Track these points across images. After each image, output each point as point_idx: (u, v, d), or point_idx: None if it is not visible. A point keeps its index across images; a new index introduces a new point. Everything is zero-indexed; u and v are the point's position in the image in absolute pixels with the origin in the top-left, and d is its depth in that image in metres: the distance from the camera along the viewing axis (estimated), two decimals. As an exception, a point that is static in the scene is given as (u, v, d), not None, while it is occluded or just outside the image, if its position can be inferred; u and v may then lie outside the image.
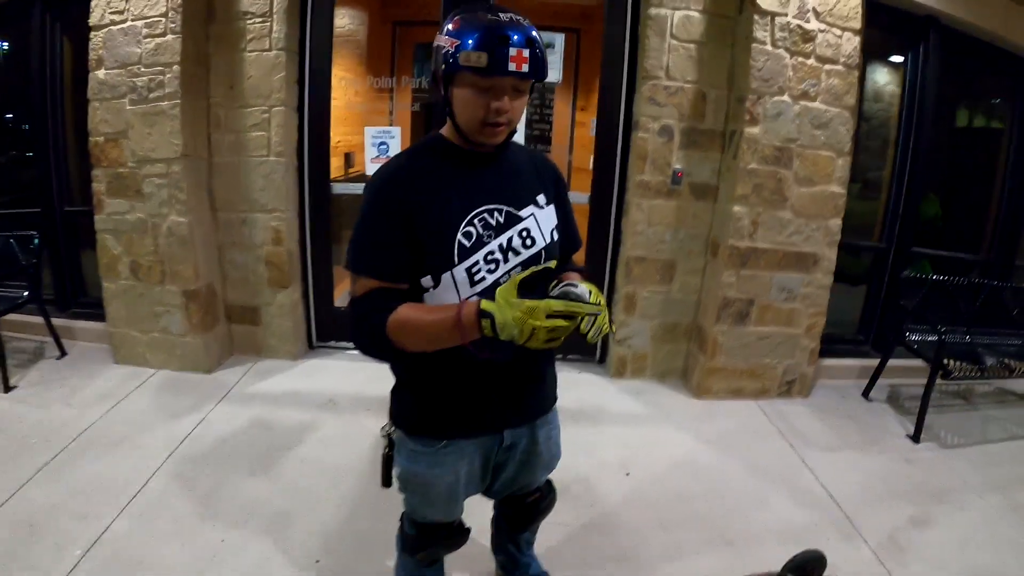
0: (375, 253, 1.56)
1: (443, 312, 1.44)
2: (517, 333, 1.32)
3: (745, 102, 4.11)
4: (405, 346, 1.50)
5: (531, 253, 1.67)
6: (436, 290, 1.58)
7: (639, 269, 4.63)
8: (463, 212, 1.57)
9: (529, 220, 1.68)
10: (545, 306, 1.31)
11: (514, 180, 1.70)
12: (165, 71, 4.12)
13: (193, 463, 3.40)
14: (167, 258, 4.43)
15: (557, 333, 1.33)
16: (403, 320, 1.48)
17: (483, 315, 1.36)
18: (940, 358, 4.18)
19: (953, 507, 3.41)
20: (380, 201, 1.55)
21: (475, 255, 1.57)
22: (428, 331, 1.47)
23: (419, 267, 1.56)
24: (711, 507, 3.29)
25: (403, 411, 1.83)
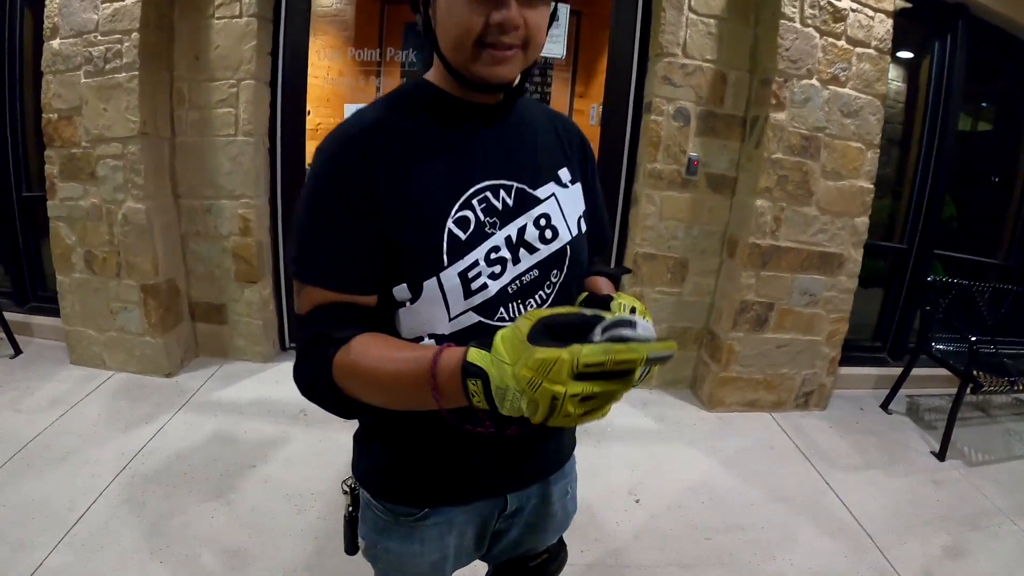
0: (325, 252, 1.08)
1: (411, 358, 0.96)
2: (526, 405, 0.80)
3: (771, 84, 3.81)
4: (359, 399, 1.04)
5: (552, 250, 1.20)
6: (415, 305, 1.12)
7: (648, 268, 4.32)
8: (456, 190, 1.12)
9: (549, 203, 1.22)
10: (572, 357, 0.74)
11: (529, 146, 1.24)
12: (123, 39, 3.77)
13: (144, 483, 3.11)
14: (123, 249, 4.08)
15: (597, 403, 0.79)
16: (354, 363, 1.01)
17: (469, 371, 0.85)
18: (971, 370, 3.98)
19: (986, 534, 3.24)
20: (334, 176, 1.08)
21: (473, 252, 1.11)
22: (387, 385, 0.99)
23: (391, 272, 1.11)
24: (734, 542, 3.02)
25: (370, 467, 1.35)
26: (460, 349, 0.90)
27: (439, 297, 1.11)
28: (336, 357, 1.02)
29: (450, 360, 0.89)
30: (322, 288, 1.08)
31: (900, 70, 5.04)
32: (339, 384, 1.02)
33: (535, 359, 0.76)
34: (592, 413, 0.81)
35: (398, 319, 1.15)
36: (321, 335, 1.05)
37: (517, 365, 0.79)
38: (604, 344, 0.76)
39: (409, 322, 1.14)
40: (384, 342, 1.04)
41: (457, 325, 1.13)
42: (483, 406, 0.86)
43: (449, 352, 0.91)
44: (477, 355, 0.85)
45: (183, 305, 4.47)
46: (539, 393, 0.76)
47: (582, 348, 0.75)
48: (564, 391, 0.75)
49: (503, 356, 0.82)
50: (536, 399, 0.77)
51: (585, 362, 0.75)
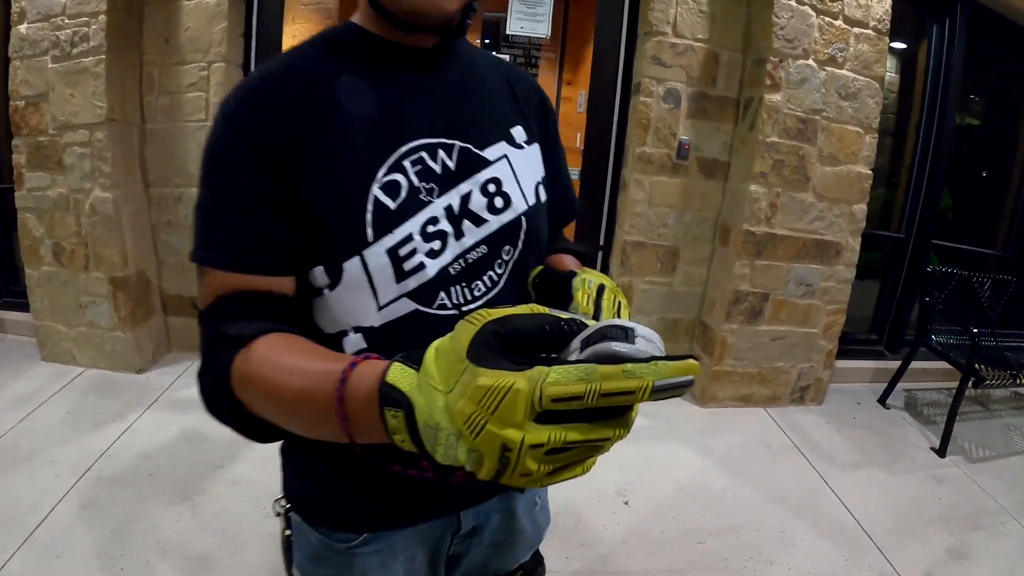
0: (229, 225, 0.89)
1: (318, 372, 0.74)
2: (465, 454, 0.57)
3: (765, 64, 3.69)
4: (262, 416, 0.81)
5: (503, 222, 1.02)
6: (336, 292, 0.93)
7: (637, 256, 4.20)
8: (384, 149, 0.93)
9: (499, 166, 1.03)
10: (531, 386, 0.51)
11: (476, 99, 1.05)
12: (90, 22, 3.63)
13: (110, 485, 2.99)
14: (91, 240, 3.93)
15: (573, 457, 0.56)
16: (253, 373, 0.79)
17: (388, 398, 0.61)
18: (972, 363, 3.89)
19: (990, 534, 3.19)
20: (240, 132, 0.89)
21: (405, 224, 0.93)
22: (289, 405, 0.77)
23: (306, 250, 0.92)
24: (728, 546, 2.90)
25: (298, 486, 1.15)
26: (380, 365, 0.67)
27: (364, 281, 0.92)
28: (235, 363, 0.81)
29: (364, 379, 0.67)
30: (225, 270, 0.88)
31: (898, 57, 4.99)
32: (240, 399, 0.81)
33: (476, 386, 0.52)
34: (565, 470, 0.57)
35: (316, 310, 0.97)
36: (219, 334, 0.84)
37: (452, 393, 0.56)
38: (584, 365, 0.51)
39: (329, 313, 0.95)
40: (292, 345, 0.82)
41: (389, 315, 0.94)
42: (408, 447, 0.62)
43: (365, 368, 0.68)
44: (400, 374, 0.62)
45: (154, 298, 4.33)
46: (482, 440, 0.53)
47: (548, 371, 0.51)
48: (520, 439, 0.51)
49: (433, 378, 0.58)
50: (478, 448, 0.54)
51: (553, 394, 0.50)
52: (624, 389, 0.50)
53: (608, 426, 0.55)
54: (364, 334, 0.95)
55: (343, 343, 0.95)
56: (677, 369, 0.51)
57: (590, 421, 0.54)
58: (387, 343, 0.92)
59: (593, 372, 0.50)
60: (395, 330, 0.94)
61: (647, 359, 0.51)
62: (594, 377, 0.50)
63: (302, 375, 0.75)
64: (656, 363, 0.50)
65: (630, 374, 0.50)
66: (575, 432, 0.53)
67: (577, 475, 0.59)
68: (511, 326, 0.57)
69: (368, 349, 0.94)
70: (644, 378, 0.50)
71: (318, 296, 0.94)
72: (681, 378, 0.51)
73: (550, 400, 0.50)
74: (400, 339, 0.94)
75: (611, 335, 0.54)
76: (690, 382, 0.52)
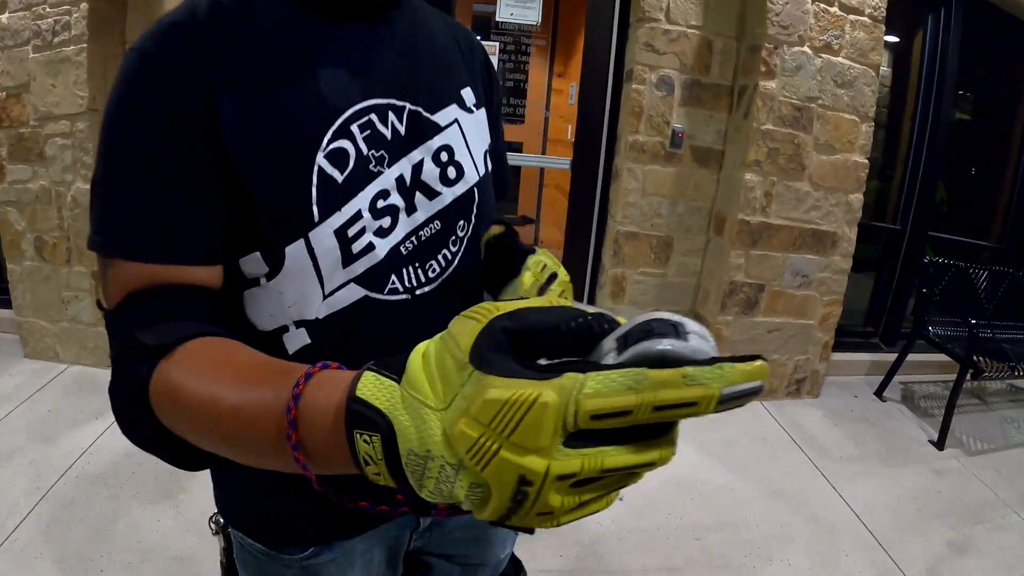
0: (139, 204, 0.72)
1: (261, 386, 0.60)
2: (465, 489, 0.45)
3: (760, 51, 3.64)
4: (192, 442, 0.66)
5: (457, 195, 0.91)
6: (274, 282, 0.80)
7: (630, 247, 4.14)
8: (330, 111, 0.79)
9: (451, 132, 0.91)
10: (563, 398, 0.40)
11: (426, 56, 0.92)
12: (72, 10, 3.56)
13: (90, 484, 2.94)
14: (73, 234, 3.86)
15: (603, 489, 0.45)
16: (176, 390, 0.63)
17: (359, 419, 0.49)
18: (971, 355, 3.86)
19: (991, 527, 3.17)
20: (152, 85, 0.71)
21: (354, 200, 0.80)
22: (225, 429, 0.61)
23: (238, 233, 0.77)
24: (727, 542, 2.86)
25: (235, 499, 1.01)
26: (345, 375, 0.54)
27: (308, 267, 0.79)
28: (153, 379, 0.65)
29: (325, 394, 0.54)
30: (136, 260, 0.71)
31: (892, 50, 4.98)
32: (163, 422, 0.65)
33: (486, 400, 0.41)
34: (588, 506, 0.46)
35: (249, 304, 0.82)
36: (131, 340, 0.68)
37: (451, 411, 0.44)
38: (631, 370, 0.40)
39: (266, 307, 0.82)
40: (225, 352, 0.67)
41: (335, 304, 0.82)
42: (385, 481, 0.50)
43: (324, 380, 0.55)
44: (374, 386, 0.49)
45: (138, 292, 4.22)
46: (492, 471, 0.41)
47: (584, 379, 0.40)
48: (544, 469, 0.40)
49: (421, 391, 0.46)
50: (487, 480, 0.42)
51: (593, 408, 0.39)
52: (685, 400, 0.39)
53: (653, 447, 0.43)
54: (308, 328, 0.82)
55: (284, 341, 0.83)
56: (746, 374, 0.40)
57: (626, 442, 0.42)
58: (334, 336, 0.83)
59: (644, 379, 0.39)
60: (342, 321, 0.83)
61: (707, 361, 0.40)
62: (646, 385, 0.39)
63: (240, 391, 0.60)
64: (721, 366, 0.39)
65: (692, 380, 0.39)
66: (614, 456, 0.41)
67: (599, 510, 0.47)
68: (526, 322, 0.45)
69: (312, 345, 0.83)
70: (709, 385, 0.39)
71: (252, 287, 0.81)
72: (751, 384, 0.41)
73: (588, 417, 0.39)
74: (348, 331, 0.84)
75: (660, 331, 0.42)
76: (759, 389, 0.41)
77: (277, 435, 0.55)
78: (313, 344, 0.83)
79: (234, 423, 0.59)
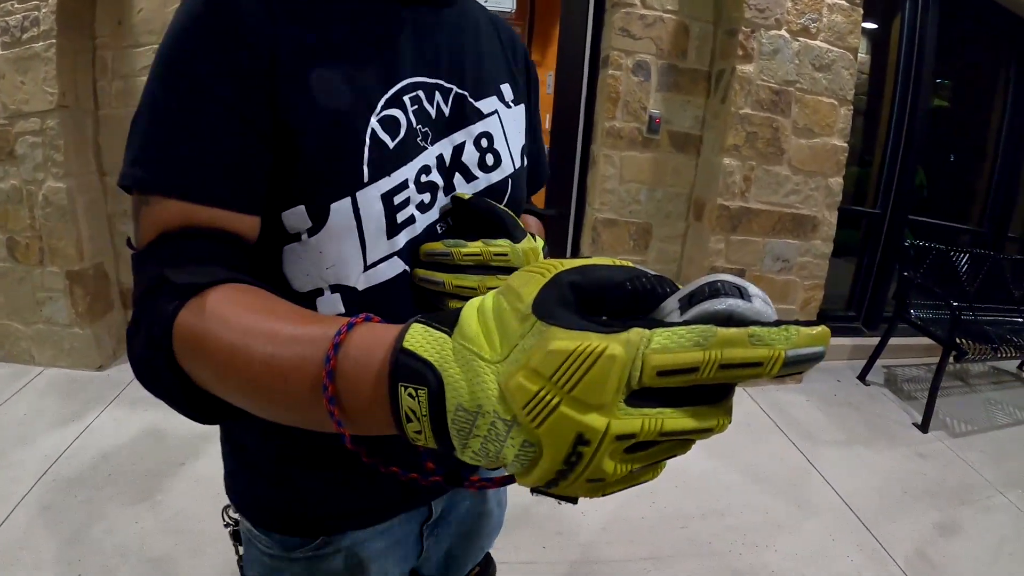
0: (186, 138, 0.68)
1: (298, 335, 0.56)
2: (517, 448, 0.42)
3: (737, 35, 3.63)
4: (218, 394, 0.62)
5: (493, 182, 0.90)
6: (316, 238, 0.76)
7: (608, 234, 4.11)
8: (386, 78, 0.79)
9: (492, 121, 0.90)
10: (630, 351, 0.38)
11: (471, 46, 0.92)
12: (40, 6, 3.49)
13: (67, 487, 2.89)
14: (45, 233, 3.79)
15: (658, 455, 0.43)
16: (204, 333, 0.59)
17: (406, 370, 0.46)
18: (954, 337, 3.86)
19: (977, 509, 3.18)
20: (214, 18, 0.68)
21: (403, 168, 0.79)
22: (255, 378, 0.57)
23: (284, 185, 0.74)
24: (712, 529, 2.83)
25: (243, 483, 0.97)
26: (390, 328, 0.51)
27: (352, 229, 0.76)
28: (179, 318, 0.61)
29: (368, 345, 0.51)
30: (177, 199, 0.67)
31: (870, 37, 4.98)
32: (184, 366, 0.61)
33: (550, 351, 0.39)
34: (638, 476, 0.44)
35: (287, 260, 0.78)
36: (160, 278, 0.63)
37: (507, 362, 0.42)
38: (700, 327, 0.38)
39: (304, 265, 0.78)
40: (260, 300, 0.63)
41: (376, 277, 0.79)
42: (427, 443, 0.47)
43: (367, 331, 0.52)
44: (424, 337, 0.46)
45: (113, 292, 4.21)
46: (549, 428, 0.39)
47: (651, 334, 0.38)
48: (604, 426, 0.39)
49: (475, 341, 0.44)
50: (541, 437, 0.40)
51: (661, 364, 0.38)
52: (751, 359, 0.38)
53: (711, 413, 0.41)
54: (343, 296, 0.79)
55: (317, 304, 0.79)
56: (811, 338, 0.39)
57: (693, 403, 0.40)
58: (369, 309, 0.72)
59: (712, 335, 0.38)
60: (380, 295, 0.80)
61: (772, 324, 0.39)
62: (713, 342, 0.38)
63: (275, 339, 0.56)
64: (787, 328, 0.38)
65: (758, 340, 0.38)
66: (674, 419, 0.40)
67: (647, 481, 0.45)
68: (593, 277, 0.43)
69: (345, 315, 0.78)
70: (775, 346, 0.38)
71: (292, 243, 0.77)
72: (814, 348, 0.39)
73: (655, 373, 0.38)
74: (384, 306, 0.77)
75: (725, 291, 0.41)
76: (821, 355, 0.40)
77: (312, 388, 0.52)
78: (347, 315, 0.74)
79: (266, 373, 0.56)
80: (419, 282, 0.81)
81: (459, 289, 0.78)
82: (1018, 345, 4.12)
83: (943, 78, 5.45)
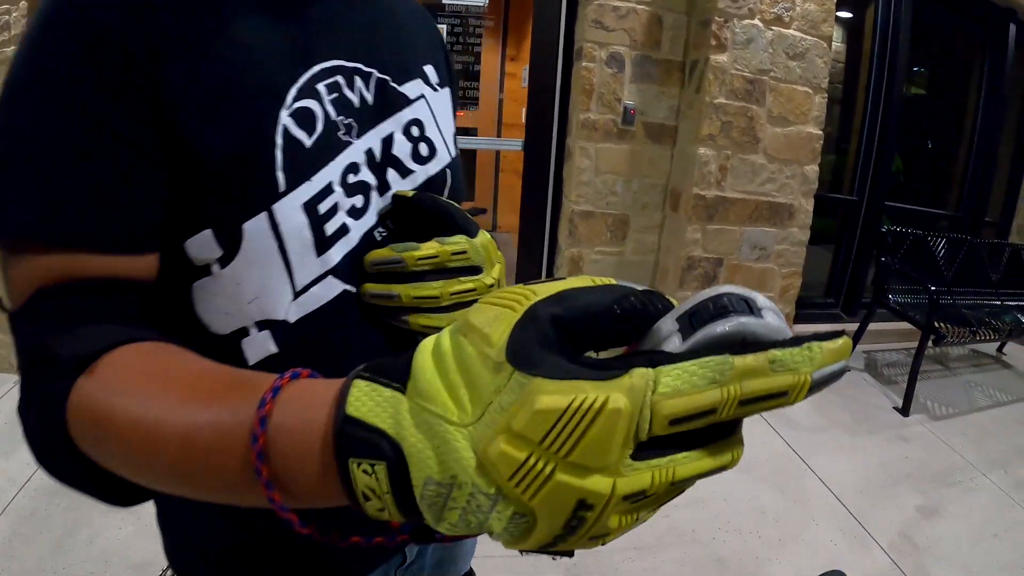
0: (50, 171, 0.54)
1: (214, 405, 0.46)
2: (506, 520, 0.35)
3: (711, 25, 3.62)
4: (130, 478, 0.50)
5: (430, 175, 0.78)
6: (231, 268, 0.62)
7: (585, 227, 4.10)
8: (294, 64, 0.65)
9: (419, 106, 0.79)
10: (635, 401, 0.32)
11: (391, 24, 0.79)
12: (11, 9, 3.41)
13: (49, 496, 2.83)
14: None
15: (659, 500, 0.36)
16: (102, 411, 0.48)
17: (355, 443, 0.37)
18: (932, 321, 3.89)
19: (960, 490, 3.19)
20: (77, 19, 0.53)
21: (325, 169, 0.66)
22: (170, 459, 0.46)
23: (183, 208, 0.60)
24: (694, 518, 2.81)
25: (189, 547, 0.83)
26: (328, 387, 0.42)
27: (273, 250, 0.63)
28: (71, 400, 0.50)
29: (303, 413, 0.42)
30: (47, 246, 0.54)
31: (845, 25, 4.98)
32: (85, 452, 0.51)
33: (539, 410, 0.32)
34: (641, 519, 0.37)
35: (197, 301, 0.64)
36: (41, 352, 0.53)
37: (481, 425, 0.34)
38: (713, 359, 0.33)
39: (220, 302, 0.64)
40: (164, 362, 0.53)
41: (308, 304, 0.66)
42: (390, 517, 0.39)
43: (300, 392, 0.43)
44: (369, 399, 0.38)
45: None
46: (545, 499, 0.33)
47: (657, 374, 0.32)
48: (609, 489, 0.33)
49: (440, 402, 0.36)
50: (534, 509, 0.34)
51: (674, 411, 0.32)
52: (775, 390, 0.33)
53: (724, 448, 0.36)
54: (273, 332, 0.65)
55: (243, 348, 0.66)
56: (835, 354, 0.34)
57: (696, 445, 0.35)
58: (308, 345, 0.67)
59: (729, 367, 0.32)
60: (318, 325, 0.67)
61: (791, 342, 0.34)
62: (730, 376, 0.32)
63: (187, 412, 0.46)
64: (810, 346, 0.33)
65: (781, 366, 0.33)
66: (686, 465, 0.34)
67: (646, 520, 0.38)
68: (576, 305, 0.35)
69: (280, 355, 0.66)
70: (799, 370, 0.33)
71: (202, 278, 0.63)
72: (838, 365, 0.34)
73: (667, 422, 0.32)
74: (325, 338, 0.69)
75: (733, 307, 0.35)
76: (844, 370, 0.35)
77: (242, 469, 0.43)
78: (281, 354, 0.66)
79: (182, 455, 0.46)
80: (369, 299, 0.68)
81: (419, 301, 0.66)
82: (996, 328, 4.15)
83: (919, 66, 5.49)
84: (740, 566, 2.52)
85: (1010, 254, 4.96)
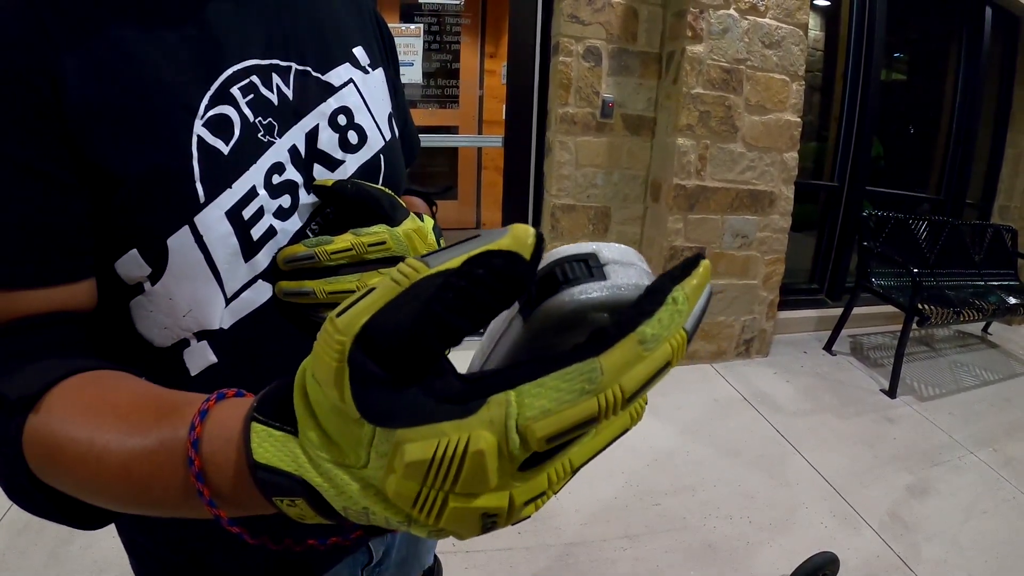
0: None
1: (147, 432, 0.47)
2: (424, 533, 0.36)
3: (686, 16, 3.62)
4: (91, 503, 0.52)
5: (362, 162, 0.77)
6: (161, 284, 0.63)
7: (567, 220, 4.09)
8: (204, 72, 0.65)
9: (347, 92, 0.77)
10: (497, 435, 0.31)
11: (306, 10, 0.77)
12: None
13: None
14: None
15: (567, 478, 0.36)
16: (53, 443, 0.50)
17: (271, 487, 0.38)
18: (915, 303, 3.92)
19: (947, 469, 3.22)
20: None
21: (246, 175, 0.66)
22: (115, 483, 0.48)
23: (108, 230, 0.61)
24: (685, 505, 2.82)
25: (148, 553, 0.85)
26: (235, 430, 0.42)
27: (199, 262, 0.63)
28: (25, 435, 0.51)
29: (224, 445, 0.42)
30: None
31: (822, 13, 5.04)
32: (47, 483, 0.53)
33: (409, 463, 0.32)
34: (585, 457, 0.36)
35: (136, 318, 0.66)
36: None
37: (371, 469, 0.35)
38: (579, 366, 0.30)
39: (156, 317, 0.65)
40: (101, 391, 0.53)
41: (241, 309, 0.68)
42: (314, 519, 0.40)
43: (222, 421, 0.43)
44: (271, 446, 0.39)
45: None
46: (447, 519, 0.33)
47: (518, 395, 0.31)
48: (506, 502, 0.33)
49: (326, 450, 0.37)
50: (444, 527, 0.34)
51: (546, 433, 0.30)
52: (656, 370, 0.30)
53: (617, 417, 0.34)
54: (211, 341, 0.67)
55: (184, 359, 0.67)
56: (699, 288, 0.32)
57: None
58: (244, 350, 0.69)
59: (597, 373, 0.30)
60: (252, 330, 0.69)
61: (652, 298, 0.31)
62: (602, 381, 0.30)
63: (123, 441, 0.48)
64: (674, 298, 0.31)
65: (654, 342, 0.30)
66: (583, 450, 0.35)
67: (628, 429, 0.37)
68: (384, 331, 0.33)
69: (220, 363, 0.68)
70: (673, 334, 0.31)
71: (136, 296, 0.64)
72: (705, 297, 0.33)
73: (544, 442, 0.30)
74: (261, 342, 0.70)
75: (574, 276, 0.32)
76: (710, 294, 0.34)
77: (184, 490, 0.44)
78: (221, 362, 0.68)
79: (128, 484, 0.47)
80: (284, 297, 0.67)
81: (334, 296, 0.64)
82: (980, 308, 4.18)
83: (897, 51, 5.51)
84: (731, 551, 2.52)
85: (992, 235, 4.99)
